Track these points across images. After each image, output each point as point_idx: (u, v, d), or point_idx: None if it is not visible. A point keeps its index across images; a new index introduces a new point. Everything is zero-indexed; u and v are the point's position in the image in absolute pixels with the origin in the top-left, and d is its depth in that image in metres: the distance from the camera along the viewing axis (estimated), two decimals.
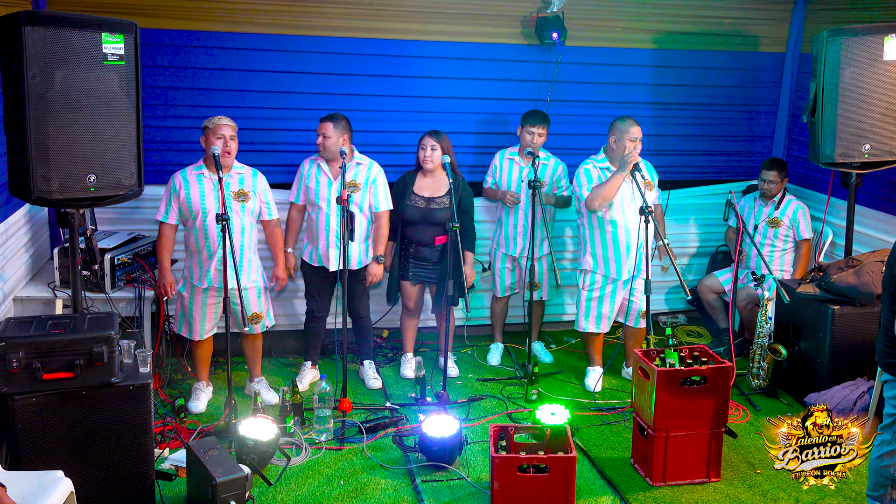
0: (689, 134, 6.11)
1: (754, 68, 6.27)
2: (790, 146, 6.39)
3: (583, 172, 5.08)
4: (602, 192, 4.89)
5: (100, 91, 3.82)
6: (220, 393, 4.98)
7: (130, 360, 3.82)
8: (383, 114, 5.65)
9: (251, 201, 4.72)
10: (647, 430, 4.12)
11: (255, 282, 4.82)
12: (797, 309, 4.99)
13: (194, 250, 4.71)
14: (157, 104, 5.25)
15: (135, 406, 3.64)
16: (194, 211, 4.61)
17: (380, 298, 5.63)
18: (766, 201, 5.69)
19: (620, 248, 5.01)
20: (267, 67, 5.40)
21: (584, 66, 5.90)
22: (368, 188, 5.00)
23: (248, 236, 4.73)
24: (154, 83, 5.18)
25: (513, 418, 4.86)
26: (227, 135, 4.56)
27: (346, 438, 4.53)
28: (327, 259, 5.01)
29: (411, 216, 5.15)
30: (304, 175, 5.01)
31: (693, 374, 4.03)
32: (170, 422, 4.52)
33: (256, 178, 4.78)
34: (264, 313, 4.90)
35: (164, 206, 4.66)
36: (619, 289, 5.10)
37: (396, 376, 5.43)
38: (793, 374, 5.11)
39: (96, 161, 3.86)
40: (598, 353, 5.39)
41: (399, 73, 5.62)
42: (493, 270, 5.63)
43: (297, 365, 5.46)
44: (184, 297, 4.78)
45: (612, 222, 5.00)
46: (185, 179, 4.63)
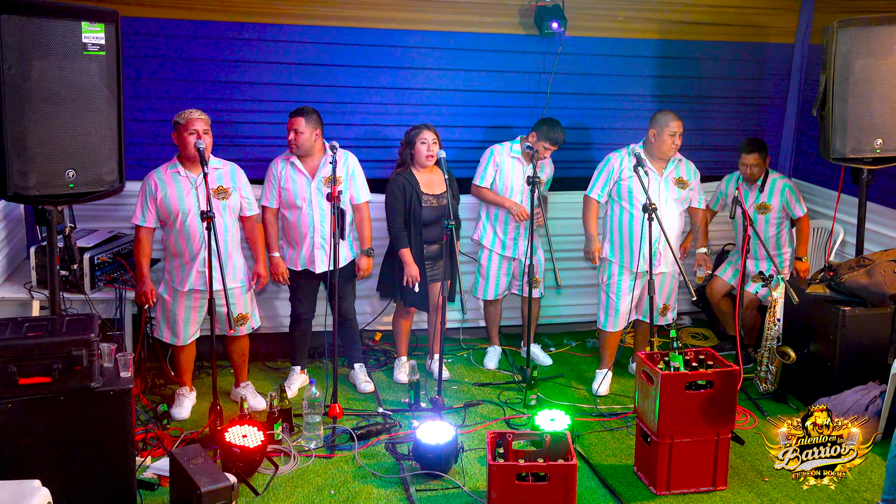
0: (695, 128, 6.11)
1: (762, 60, 6.29)
2: (799, 141, 6.41)
3: (603, 162, 5.17)
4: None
5: (79, 82, 3.81)
6: (204, 398, 4.97)
7: (111, 364, 3.81)
8: (369, 106, 5.64)
9: (232, 197, 4.69)
10: (651, 437, 4.13)
11: (241, 281, 4.81)
12: (807, 310, 5.01)
13: (175, 253, 4.67)
14: (140, 96, 5.23)
15: (115, 412, 3.64)
16: (173, 212, 4.57)
17: (370, 300, 5.62)
18: (749, 186, 5.63)
19: (635, 241, 5.05)
20: (252, 58, 5.39)
21: (586, 57, 5.91)
22: (349, 180, 4.99)
23: (231, 234, 4.72)
24: (136, 74, 5.17)
25: (511, 424, 4.87)
26: (200, 129, 4.50)
27: (337, 446, 4.53)
28: (312, 261, 4.99)
29: (428, 217, 5.11)
30: (278, 176, 4.91)
31: (698, 378, 4.04)
32: (152, 429, 4.51)
33: (235, 172, 4.75)
34: (250, 314, 4.89)
35: (140, 209, 4.61)
36: (636, 282, 5.16)
37: (389, 381, 5.42)
38: (802, 377, 5.13)
39: (76, 156, 3.85)
40: (611, 355, 5.40)
41: (386, 63, 5.61)
42: (483, 272, 5.59)
43: (284, 369, 5.46)
44: (165, 300, 4.75)
45: (630, 214, 5.07)
46: (161, 180, 4.57)
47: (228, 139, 5.38)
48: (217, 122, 4.88)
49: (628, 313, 5.25)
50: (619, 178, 5.08)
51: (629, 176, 5.02)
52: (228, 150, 5.23)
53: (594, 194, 5.20)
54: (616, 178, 5.10)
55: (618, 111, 6.07)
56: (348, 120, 5.57)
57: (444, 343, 4.97)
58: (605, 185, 5.14)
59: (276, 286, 5.45)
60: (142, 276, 4.65)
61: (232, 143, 5.39)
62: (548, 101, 5.85)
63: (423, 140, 5.06)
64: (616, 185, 5.11)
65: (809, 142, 6.23)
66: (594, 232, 5.21)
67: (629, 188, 5.04)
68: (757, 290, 5.59)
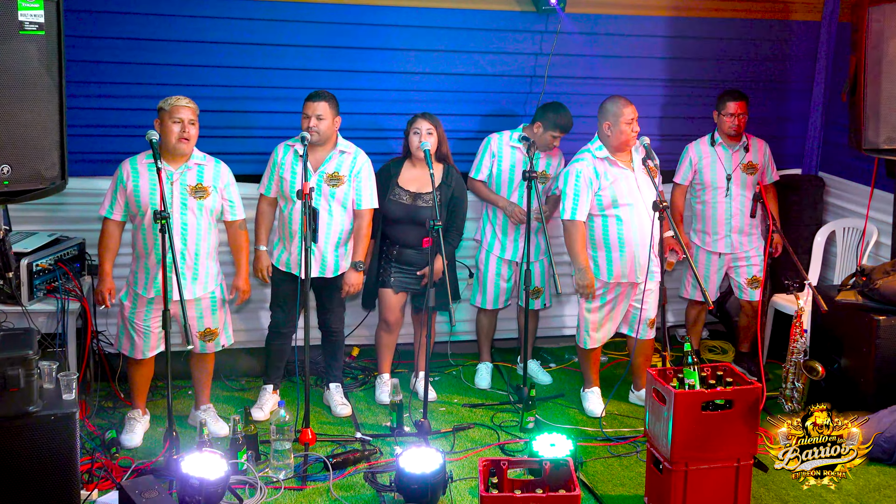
0: (710, 116, 6.13)
1: (785, 39, 6.31)
2: (827, 130, 6.43)
3: (573, 176, 5.06)
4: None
5: (15, 67, 3.78)
6: (158, 423, 4.94)
7: (52, 384, 3.78)
8: (351, 92, 5.62)
9: (211, 198, 4.68)
10: (664, 463, 4.13)
11: (213, 292, 4.80)
12: (836, 320, 5.02)
13: (141, 253, 4.68)
14: (86, 82, 5.20)
15: (58, 439, 3.61)
16: (142, 207, 4.58)
17: (351, 310, 5.61)
18: (732, 144, 5.71)
19: (626, 249, 5.03)
20: (226, 39, 5.36)
21: (588, 37, 5.91)
22: (352, 181, 4.98)
23: (205, 239, 4.71)
24: (80, 57, 5.13)
25: (506, 451, 4.87)
26: (186, 118, 4.52)
27: (310, 476, 4.51)
28: (297, 265, 4.99)
29: (395, 213, 5.13)
30: (279, 163, 4.98)
31: (717, 398, 4.04)
32: (99, 458, 4.47)
33: (219, 170, 4.75)
34: (221, 329, 4.87)
35: (108, 200, 4.65)
36: (622, 295, 5.12)
37: (369, 402, 5.41)
38: (832, 395, 5.13)
39: (11, 149, 3.82)
40: (595, 371, 5.41)
41: (370, 45, 5.60)
42: (480, 277, 5.59)
43: (250, 389, 5.44)
44: (125, 307, 4.75)
45: (617, 218, 5.02)
46: (134, 169, 4.60)
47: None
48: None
49: (610, 330, 5.25)
50: (599, 188, 5.03)
51: (609, 183, 5.01)
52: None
53: (580, 215, 5.06)
54: (595, 190, 5.04)
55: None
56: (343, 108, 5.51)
57: (431, 359, 4.96)
58: (586, 201, 5.06)
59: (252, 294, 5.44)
60: (104, 272, 4.68)
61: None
62: (545, 86, 5.84)
63: (415, 130, 5.09)
64: (596, 196, 5.06)
65: (838, 131, 6.25)
66: (586, 262, 5.10)
67: (612, 195, 5.01)
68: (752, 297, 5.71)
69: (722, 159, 5.66)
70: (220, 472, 4.12)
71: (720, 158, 5.66)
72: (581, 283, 5.11)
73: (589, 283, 5.09)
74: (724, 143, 5.68)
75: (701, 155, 5.73)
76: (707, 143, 5.73)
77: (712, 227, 5.74)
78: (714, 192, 5.69)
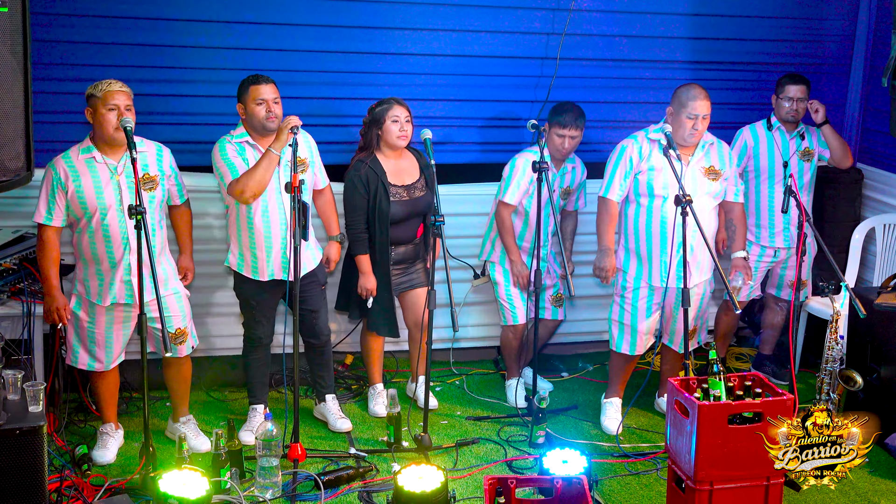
0: (737, 102, 6.13)
1: (820, 17, 6.31)
2: (866, 117, 6.43)
3: (616, 153, 5.12)
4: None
5: None
6: (133, 438, 4.95)
7: (17, 395, 3.79)
8: (320, 75, 5.61)
9: (159, 188, 4.66)
10: (686, 482, 4.13)
11: (175, 288, 4.79)
12: (876, 325, 5.02)
13: (90, 259, 4.61)
14: (55, 64, 5.21)
15: (23, 456, 3.62)
16: (89, 209, 4.51)
17: (342, 317, 5.61)
18: (790, 129, 5.71)
19: (654, 247, 5.05)
20: (177, 16, 5.35)
21: (603, 15, 5.91)
22: (315, 165, 5.00)
23: (158, 234, 4.70)
24: (47, 36, 5.14)
25: (514, 468, 4.88)
26: (122, 104, 4.45)
27: (299, 495, 4.53)
28: (281, 269, 4.88)
29: (399, 213, 5.10)
30: (236, 165, 4.75)
31: (744, 410, 4.05)
32: (69, 475, 4.48)
33: (162, 155, 4.72)
34: (188, 329, 4.86)
35: (44, 204, 4.52)
36: (655, 297, 5.14)
37: (364, 414, 5.43)
38: (870, 407, 5.14)
39: None
40: (622, 384, 5.40)
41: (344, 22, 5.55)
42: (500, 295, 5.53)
43: (234, 401, 5.44)
44: (80, 318, 4.70)
45: (648, 212, 5.05)
46: (73, 167, 4.51)
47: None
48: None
49: (648, 335, 5.25)
50: (638, 171, 5.07)
51: (649, 168, 5.02)
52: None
53: (612, 194, 5.12)
54: (635, 171, 5.07)
55: (642, 81, 6.08)
56: (297, 92, 5.48)
57: (431, 366, 4.96)
58: (623, 180, 5.10)
59: (222, 299, 5.44)
60: (51, 288, 4.57)
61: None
62: (557, 69, 5.84)
63: (394, 118, 5.02)
64: (634, 179, 5.10)
65: (878, 118, 6.25)
66: (611, 243, 5.16)
67: (648, 182, 5.02)
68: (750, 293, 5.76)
69: (779, 144, 5.66)
70: (202, 492, 4.13)
71: (777, 144, 5.65)
72: (601, 266, 5.16)
73: (609, 265, 5.13)
74: (781, 127, 5.69)
75: (758, 138, 5.72)
76: (763, 127, 5.73)
77: (768, 219, 5.73)
78: (771, 179, 5.69)
